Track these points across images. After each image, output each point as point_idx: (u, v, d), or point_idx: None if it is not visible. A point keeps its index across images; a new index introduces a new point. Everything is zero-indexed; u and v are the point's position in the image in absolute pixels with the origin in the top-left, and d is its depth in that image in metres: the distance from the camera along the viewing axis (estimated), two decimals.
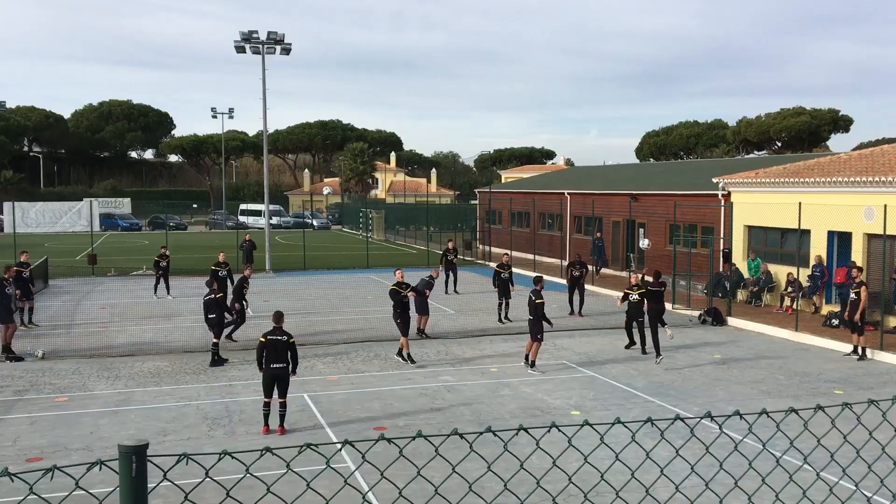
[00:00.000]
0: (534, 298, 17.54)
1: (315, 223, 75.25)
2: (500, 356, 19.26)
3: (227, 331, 19.98)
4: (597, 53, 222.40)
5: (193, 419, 13.92)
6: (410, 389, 16.00)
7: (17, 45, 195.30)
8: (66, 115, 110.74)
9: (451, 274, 30.49)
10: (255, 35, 36.65)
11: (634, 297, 18.97)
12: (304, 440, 10.58)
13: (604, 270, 34.33)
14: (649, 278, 19.99)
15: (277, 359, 12.92)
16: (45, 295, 29.71)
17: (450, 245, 31.65)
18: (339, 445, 10.62)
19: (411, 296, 19.13)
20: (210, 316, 18.26)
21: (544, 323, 17.53)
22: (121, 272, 37.08)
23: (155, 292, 28.85)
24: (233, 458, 2.00)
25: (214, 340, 18.26)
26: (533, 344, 17.57)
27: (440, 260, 31.59)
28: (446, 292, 29.77)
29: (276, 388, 13.01)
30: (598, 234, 34.66)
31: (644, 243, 27.94)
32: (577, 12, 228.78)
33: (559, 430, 2.75)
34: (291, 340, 13.10)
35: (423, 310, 21.26)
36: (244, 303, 21.33)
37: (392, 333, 21.97)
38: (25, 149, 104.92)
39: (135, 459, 1.74)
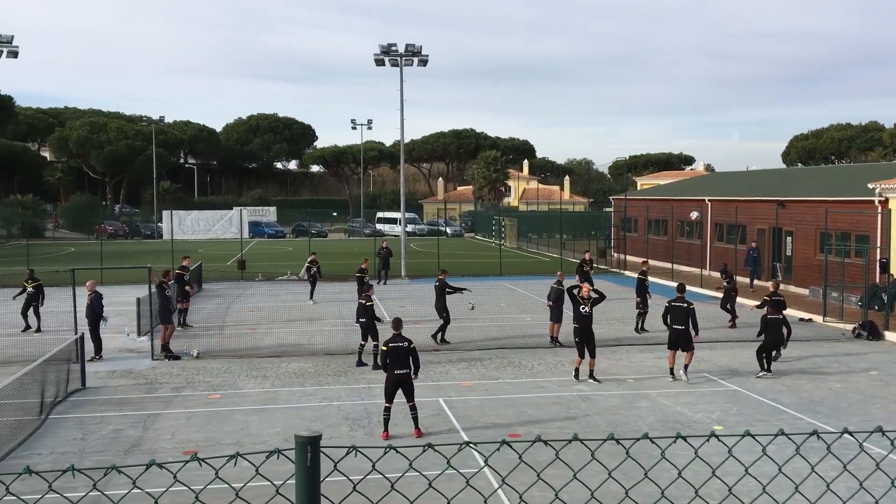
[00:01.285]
0: (686, 306, 17.24)
1: (449, 231, 76.30)
2: (637, 367, 18.85)
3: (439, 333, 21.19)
4: (739, 55, 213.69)
5: (335, 419, 14.44)
6: (544, 398, 15.93)
7: (175, 64, 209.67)
8: (218, 129, 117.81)
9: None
10: (394, 48, 37.68)
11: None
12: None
13: (757, 282, 32.80)
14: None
15: (400, 364, 13.12)
16: (200, 298, 31.65)
17: (586, 256, 31.28)
18: (476, 450, 10.73)
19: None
20: (360, 320, 18.68)
21: (692, 332, 17.18)
22: (267, 277, 38.97)
23: (311, 297, 29.86)
24: (397, 452, 2.11)
25: (361, 343, 18.80)
26: (691, 354, 17.29)
27: (576, 270, 31.28)
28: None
29: (401, 392, 13.20)
30: (754, 244, 33.23)
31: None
32: (718, 14, 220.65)
33: (685, 442, 2.70)
34: (412, 346, 13.29)
35: (557, 317, 21.16)
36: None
37: (525, 341, 21.99)
38: (182, 161, 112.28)
39: (309, 449, 1.87)
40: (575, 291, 17.36)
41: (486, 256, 51.57)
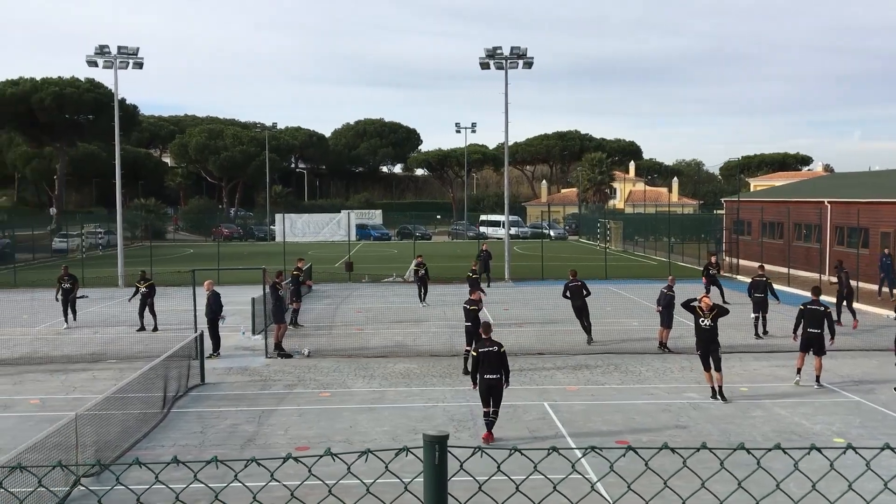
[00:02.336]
0: (822, 309, 16.60)
1: (552, 233, 75.72)
2: (751, 375, 18.18)
3: None
4: (860, 50, 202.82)
5: (441, 420, 14.58)
6: (653, 405, 15.58)
7: (288, 72, 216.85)
8: (327, 134, 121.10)
9: (713, 289, 29.38)
10: (499, 51, 37.73)
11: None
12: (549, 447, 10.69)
13: (885, 290, 30.99)
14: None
15: (490, 369, 12.98)
16: (310, 299, 32.57)
17: (712, 259, 30.47)
18: (578, 454, 10.60)
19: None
20: (466, 324, 18.41)
21: (827, 337, 16.61)
22: (373, 279, 39.73)
23: (420, 300, 30.11)
24: (521, 454, 2.13)
25: (466, 348, 18.28)
26: (821, 360, 16.68)
27: (702, 273, 30.57)
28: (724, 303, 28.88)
29: (490, 397, 13.04)
30: (886, 251, 31.53)
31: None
32: (837, 7, 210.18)
33: (820, 453, 2.59)
34: (502, 350, 13.13)
35: (667, 323, 20.69)
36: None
37: (632, 346, 21.56)
38: (293, 165, 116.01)
39: (437, 448, 1.92)
40: (694, 304, 16.20)
41: (590, 259, 50.85)
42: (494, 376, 12.99)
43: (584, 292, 21.93)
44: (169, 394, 15.61)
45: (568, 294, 22.22)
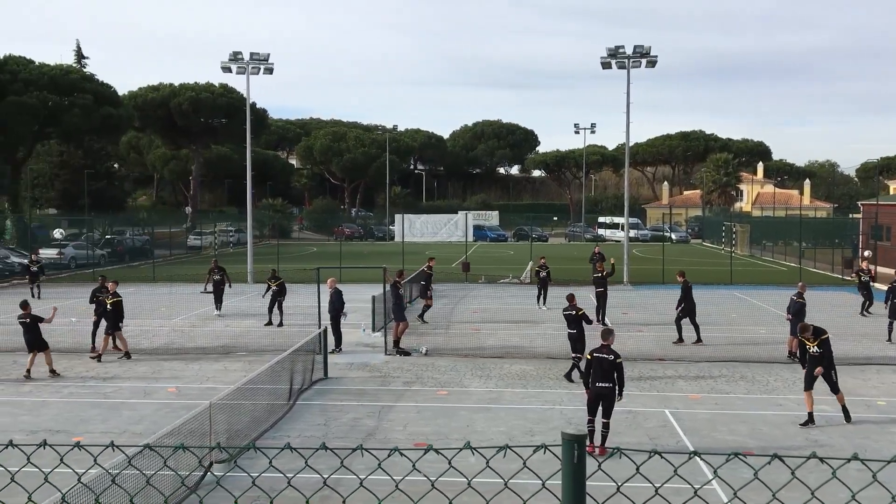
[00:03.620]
0: None
1: (673, 236, 73.71)
2: (889, 388, 17.10)
3: None
4: None
5: (558, 422, 14.48)
6: (782, 416, 14.92)
7: (408, 75, 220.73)
8: (446, 136, 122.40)
9: (864, 294, 28.08)
10: (621, 50, 37.08)
11: None
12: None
13: None
14: None
15: (603, 377, 12.54)
16: None
17: (863, 265, 29.08)
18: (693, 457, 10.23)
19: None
20: (570, 331, 18.02)
21: None
22: (490, 279, 39.86)
23: (538, 303, 29.79)
24: (661, 457, 2.11)
25: (576, 355, 17.94)
26: None
27: (855, 279, 29.27)
28: (861, 313, 27.57)
29: (600, 407, 12.62)
30: None
31: None
32: None
33: None
34: (618, 360, 12.64)
35: (794, 331, 19.76)
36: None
37: (759, 355, 20.71)
38: (412, 167, 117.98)
39: (576, 447, 1.94)
40: (804, 337, 14.56)
41: (714, 264, 49.17)
42: (606, 385, 12.52)
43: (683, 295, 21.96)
44: (295, 386, 16.21)
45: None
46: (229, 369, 19.11)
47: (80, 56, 79.82)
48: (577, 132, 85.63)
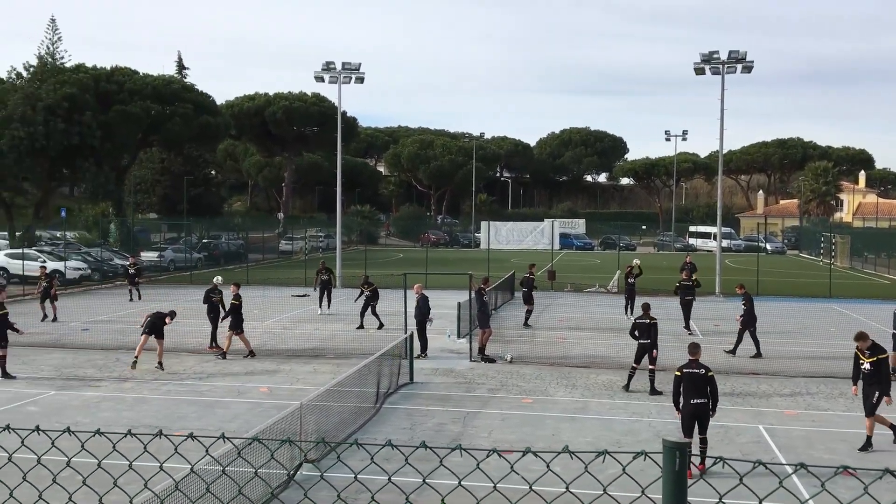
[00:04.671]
0: None
1: (769, 247, 71.28)
2: None
3: None
4: None
5: (646, 435, 14.21)
6: (885, 436, 14.20)
7: (495, 82, 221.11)
8: (532, 143, 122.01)
9: None
10: (715, 55, 36.21)
11: None
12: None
13: None
14: None
15: (697, 393, 12.08)
16: (513, 305, 32.99)
17: None
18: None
19: None
20: (642, 341, 17.66)
21: None
22: (576, 288, 39.46)
23: (626, 312, 29.27)
24: (766, 467, 2.07)
25: (650, 367, 17.57)
26: None
27: None
28: None
29: (696, 424, 12.13)
30: None
31: None
32: None
33: None
34: (710, 374, 12.20)
35: None
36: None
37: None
38: (497, 174, 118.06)
39: (678, 455, 1.92)
40: (858, 349, 13.73)
41: (812, 276, 47.34)
42: (700, 401, 12.07)
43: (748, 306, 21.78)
44: (381, 390, 16.44)
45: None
46: (318, 371, 19.53)
47: (181, 67, 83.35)
48: (667, 139, 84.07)
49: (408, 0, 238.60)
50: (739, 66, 36.18)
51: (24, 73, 54.95)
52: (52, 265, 37.20)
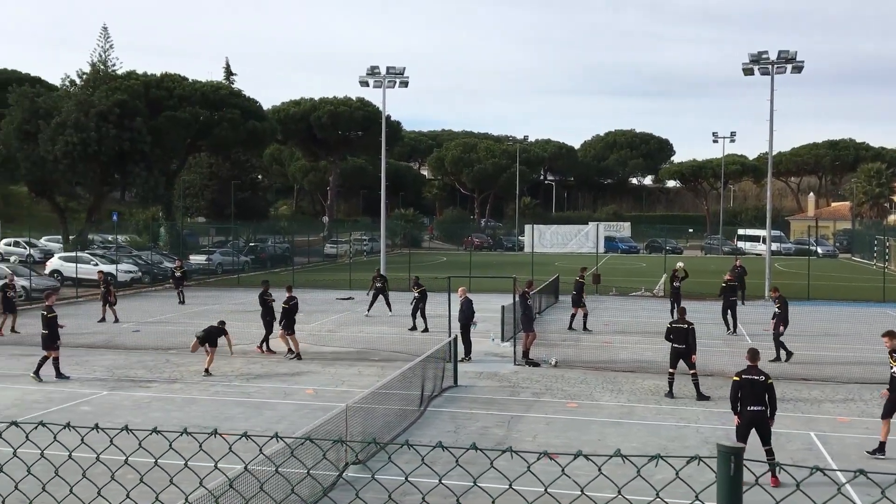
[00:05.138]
0: None
1: (819, 250, 69.75)
2: None
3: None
4: None
5: (693, 441, 14.00)
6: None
7: (539, 85, 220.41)
8: (576, 146, 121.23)
9: None
10: (764, 55, 35.61)
11: None
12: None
13: None
14: None
15: (754, 401, 11.78)
16: (557, 309, 32.82)
17: None
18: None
19: None
20: (678, 346, 17.39)
21: None
22: (621, 292, 39.09)
23: (672, 316, 28.94)
24: (824, 473, 2.04)
25: (690, 372, 17.43)
26: None
27: None
28: None
29: (756, 433, 11.81)
30: None
31: None
32: None
33: None
34: (769, 382, 11.89)
35: None
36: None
37: None
38: (541, 177, 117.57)
39: (733, 459, 1.91)
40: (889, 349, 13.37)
41: (865, 280, 46.19)
42: (758, 408, 11.78)
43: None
44: (426, 393, 16.48)
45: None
46: (363, 374, 19.66)
47: (228, 73, 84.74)
48: (715, 141, 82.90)
49: (451, 4, 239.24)
50: (789, 67, 35.52)
51: (78, 81, 56.50)
52: (103, 268, 38.14)
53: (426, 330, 26.11)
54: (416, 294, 26.86)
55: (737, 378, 12.16)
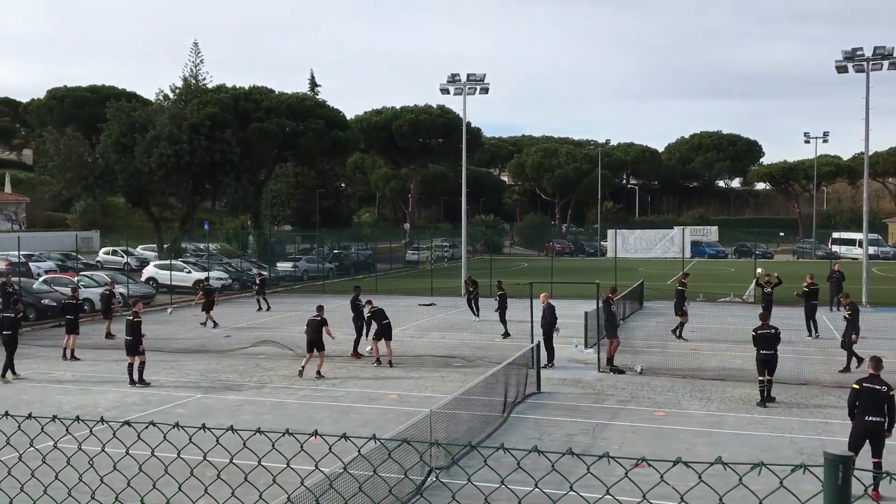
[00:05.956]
0: None
1: None
2: None
3: None
4: None
5: (788, 452, 13.54)
6: None
7: (621, 88, 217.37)
8: (660, 149, 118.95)
9: None
10: (859, 52, 34.23)
11: None
12: None
13: None
14: None
15: (874, 411, 11.27)
16: (643, 315, 32.28)
17: None
18: None
19: None
20: (766, 352, 17.06)
21: None
22: (708, 297, 38.13)
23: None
24: None
25: (759, 378, 17.09)
26: None
27: None
28: None
29: (869, 444, 11.35)
30: None
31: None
32: None
33: None
34: (892, 393, 11.30)
35: None
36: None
37: None
38: (624, 181, 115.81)
39: (841, 468, 1.86)
40: None
41: None
42: (877, 419, 11.29)
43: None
44: (509, 399, 16.45)
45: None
46: (447, 379, 19.78)
47: (313, 84, 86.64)
48: (807, 142, 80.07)
49: (530, 8, 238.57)
50: (885, 63, 34.02)
51: (171, 95, 58.80)
52: (196, 276, 39.52)
53: (507, 334, 26.12)
54: (497, 298, 27.16)
55: (857, 386, 11.70)
